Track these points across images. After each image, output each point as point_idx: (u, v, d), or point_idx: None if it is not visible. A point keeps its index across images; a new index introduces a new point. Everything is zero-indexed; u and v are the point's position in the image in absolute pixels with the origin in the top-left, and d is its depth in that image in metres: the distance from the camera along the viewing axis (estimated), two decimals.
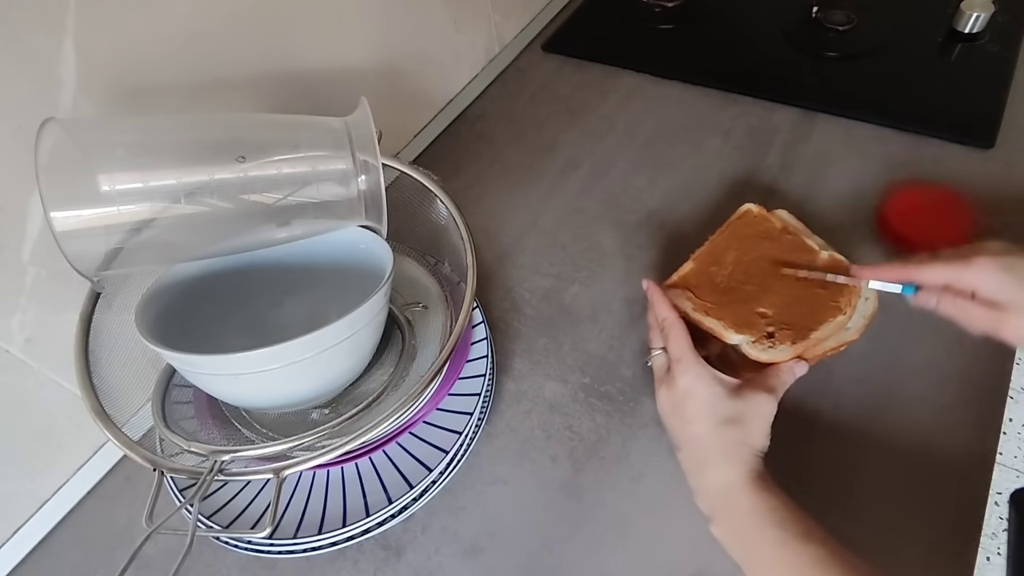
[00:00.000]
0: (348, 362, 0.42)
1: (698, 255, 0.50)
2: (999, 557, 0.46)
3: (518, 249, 0.62)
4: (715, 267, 0.49)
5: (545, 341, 0.55)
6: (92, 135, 0.37)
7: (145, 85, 0.44)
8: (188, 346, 0.36)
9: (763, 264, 0.49)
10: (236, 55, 0.50)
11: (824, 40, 0.78)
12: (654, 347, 0.47)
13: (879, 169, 0.64)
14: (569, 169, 0.69)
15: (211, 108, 0.49)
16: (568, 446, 0.49)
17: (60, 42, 0.39)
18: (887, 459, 0.45)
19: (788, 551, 0.37)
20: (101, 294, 0.42)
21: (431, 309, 0.50)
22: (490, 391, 0.49)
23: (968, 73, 0.72)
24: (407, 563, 0.45)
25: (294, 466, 0.36)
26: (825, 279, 0.47)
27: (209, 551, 0.46)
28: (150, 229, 0.37)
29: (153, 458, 0.37)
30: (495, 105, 0.78)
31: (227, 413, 0.45)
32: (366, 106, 0.41)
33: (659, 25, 0.85)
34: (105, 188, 0.35)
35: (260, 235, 0.41)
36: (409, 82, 0.69)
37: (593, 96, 0.77)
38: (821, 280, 0.47)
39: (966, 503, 0.43)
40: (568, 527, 0.45)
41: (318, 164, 0.40)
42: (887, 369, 0.50)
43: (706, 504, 0.41)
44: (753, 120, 0.71)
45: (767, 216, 0.52)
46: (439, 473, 0.45)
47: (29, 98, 0.39)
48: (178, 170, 0.37)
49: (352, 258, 0.45)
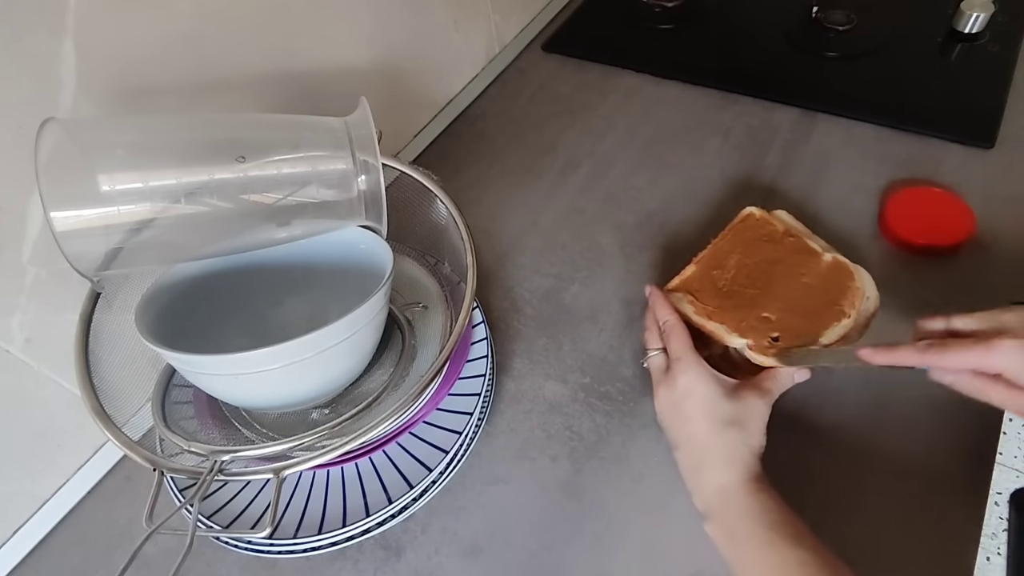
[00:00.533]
0: (348, 362, 0.42)
1: (700, 259, 0.50)
2: (999, 557, 0.46)
3: (518, 249, 0.62)
4: (717, 271, 0.49)
5: (545, 341, 0.55)
6: (92, 135, 0.37)
7: (145, 85, 0.44)
8: (188, 346, 0.36)
9: (766, 267, 0.49)
10: (236, 55, 0.50)
11: (824, 40, 0.78)
12: (651, 348, 0.47)
13: (879, 169, 0.64)
14: (569, 169, 0.69)
15: (211, 108, 0.49)
16: (568, 446, 0.49)
17: (60, 42, 0.39)
18: (887, 459, 0.45)
19: (775, 552, 0.37)
20: (101, 294, 0.42)
21: (431, 309, 0.50)
22: (490, 391, 0.49)
23: (968, 73, 0.72)
24: (407, 563, 0.45)
25: (294, 466, 0.36)
26: (830, 367, 0.45)
27: (209, 551, 0.46)
28: (150, 229, 0.37)
29: (153, 458, 0.37)
30: (495, 105, 0.78)
31: (227, 413, 0.45)
32: (366, 106, 0.41)
33: (659, 25, 0.85)
34: (105, 188, 0.35)
35: (260, 235, 0.41)
36: (409, 82, 0.69)
37: (593, 96, 0.77)
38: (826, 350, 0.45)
39: (966, 503, 0.43)
40: (568, 527, 0.45)
41: (318, 164, 0.40)
42: (887, 369, 0.50)
43: (702, 503, 0.41)
44: (753, 120, 0.71)
45: (769, 219, 0.52)
46: (439, 473, 0.45)
47: (29, 98, 0.39)
48: (178, 170, 0.37)
49: (352, 258, 0.45)
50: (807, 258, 0.49)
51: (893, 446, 0.46)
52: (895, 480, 0.44)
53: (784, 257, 0.49)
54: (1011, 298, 0.52)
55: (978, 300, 0.52)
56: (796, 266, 0.49)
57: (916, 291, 0.54)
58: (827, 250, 0.49)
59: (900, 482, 0.44)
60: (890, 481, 0.44)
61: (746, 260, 0.49)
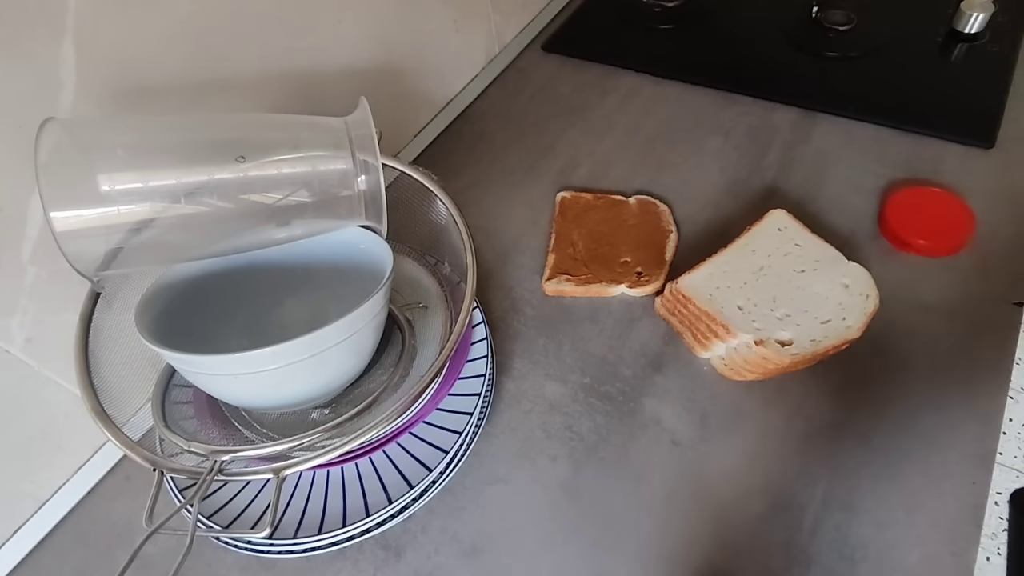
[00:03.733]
0: (348, 362, 0.42)
1: (552, 248, 0.60)
2: (999, 557, 0.46)
3: (518, 249, 0.62)
4: (570, 249, 0.59)
5: (545, 341, 0.55)
6: (92, 135, 0.37)
7: (145, 85, 0.44)
8: (188, 346, 0.36)
9: (599, 228, 0.61)
10: (236, 55, 0.50)
11: (824, 40, 0.78)
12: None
13: (879, 169, 0.64)
14: (569, 169, 0.69)
15: (211, 108, 0.49)
16: (568, 446, 0.49)
17: (60, 42, 0.39)
18: (887, 459, 0.45)
19: None
20: (101, 294, 0.42)
21: (431, 309, 0.50)
22: (490, 391, 0.49)
23: (968, 73, 0.72)
24: (407, 563, 0.45)
25: (294, 466, 0.36)
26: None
27: (209, 551, 0.46)
28: (150, 229, 0.37)
29: (153, 458, 0.37)
30: (495, 105, 0.78)
31: (227, 413, 0.45)
32: (366, 106, 0.41)
33: (659, 25, 0.85)
34: (105, 188, 0.35)
35: (260, 235, 0.41)
36: (409, 82, 0.69)
37: (593, 96, 0.77)
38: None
39: (966, 503, 0.43)
40: (568, 527, 0.45)
41: (318, 164, 0.40)
42: (887, 369, 0.50)
43: None
44: (753, 120, 0.71)
45: (578, 196, 0.64)
46: (439, 473, 0.45)
47: (29, 98, 0.39)
48: (178, 170, 0.37)
49: (352, 258, 0.45)
50: (621, 207, 0.62)
51: (893, 446, 0.46)
52: (895, 480, 0.44)
53: (606, 215, 0.62)
54: (1011, 298, 0.52)
55: (978, 300, 0.53)
56: (617, 217, 0.61)
57: (916, 291, 0.54)
58: (629, 196, 0.63)
59: (900, 482, 0.44)
60: (890, 481, 0.44)
61: (583, 230, 0.61)
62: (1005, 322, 0.51)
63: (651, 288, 0.56)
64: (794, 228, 0.54)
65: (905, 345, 0.51)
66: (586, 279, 0.56)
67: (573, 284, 0.56)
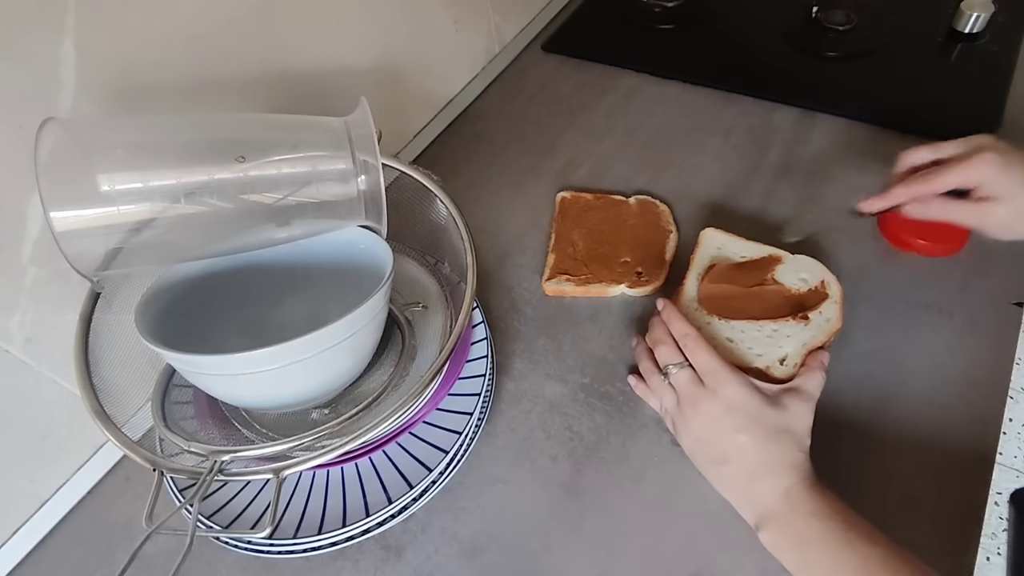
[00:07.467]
0: (348, 362, 0.42)
1: (552, 248, 0.60)
2: (999, 557, 0.46)
3: (518, 249, 0.62)
4: (570, 249, 0.60)
5: (545, 341, 0.55)
6: (92, 135, 0.37)
7: (145, 85, 0.44)
8: (188, 346, 0.36)
9: (599, 228, 0.60)
10: (236, 55, 0.50)
11: (824, 40, 0.78)
12: (671, 362, 0.45)
13: (879, 169, 0.63)
14: (569, 169, 0.69)
15: (211, 108, 0.49)
16: (568, 446, 0.49)
17: (60, 42, 0.39)
18: (887, 459, 0.45)
19: (855, 552, 0.36)
20: (101, 294, 0.42)
21: (431, 309, 0.50)
22: (490, 391, 0.49)
23: (968, 73, 0.72)
24: (407, 563, 0.45)
25: (294, 466, 0.36)
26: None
27: (209, 551, 0.46)
28: (150, 229, 0.37)
29: (153, 458, 0.37)
30: (495, 105, 0.78)
31: (227, 413, 0.45)
32: (366, 106, 0.41)
33: (659, 25, 0.85)
34: (105, 188, 0.35)
35: (260, 235, 0.41)
36: (409, 82, 0.69)
37: (593, 96, 0.77)
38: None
39: (966, 503, 0.43)
40: (568, 527, 0.45)
41: (318, 164, 0.40)
42: (887, 369, 0.50)
43: (759, 511, 0.41)
44: (753, 120, 0.71)
45: (577, 196, 0.64)
46: (439, 473, 0.45)
47: (29, 98, 0.39)
48: (178, 170, 0.37)
49: (352, 258, 0.45)
50: (621, 207, 0.62)
51: (892, 446, 0.46)
52: (895, 480, 0.44)
53: (606, 215, 0.62)
54: (1011, 298, 0.52)
55: (978, 300, 0.53)
56: (617, 217, 0.61)
57: (916, 291, 0.54)
58: (629, 196, 0.63)
59: (900, 482, 0.44)
60: (890, 481, 0.44)
61: (583, 230, 0.61)
62: (1005, 322, 0.51)
63: (651, 288, 0.56)
64: (731, 241, 0.54)
65: (905, 345, 0.51)
66: (586, 279, 0.57)
67: (573, 284, 0.56)
